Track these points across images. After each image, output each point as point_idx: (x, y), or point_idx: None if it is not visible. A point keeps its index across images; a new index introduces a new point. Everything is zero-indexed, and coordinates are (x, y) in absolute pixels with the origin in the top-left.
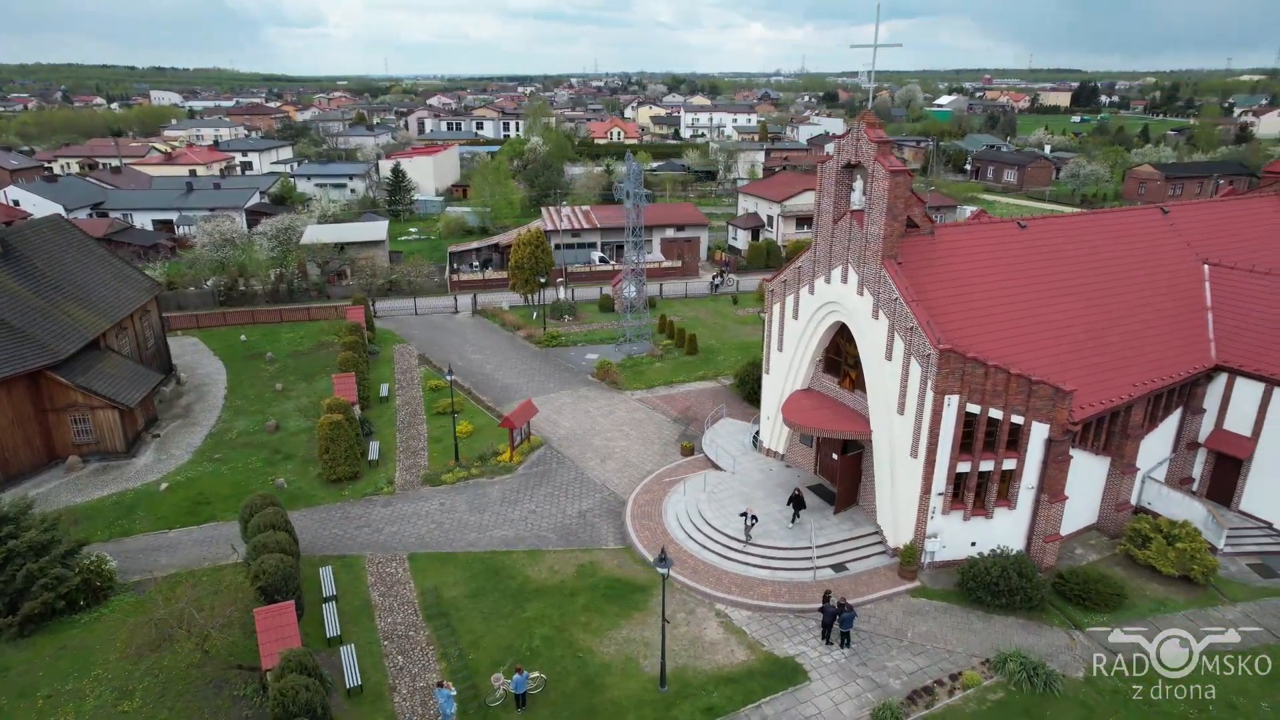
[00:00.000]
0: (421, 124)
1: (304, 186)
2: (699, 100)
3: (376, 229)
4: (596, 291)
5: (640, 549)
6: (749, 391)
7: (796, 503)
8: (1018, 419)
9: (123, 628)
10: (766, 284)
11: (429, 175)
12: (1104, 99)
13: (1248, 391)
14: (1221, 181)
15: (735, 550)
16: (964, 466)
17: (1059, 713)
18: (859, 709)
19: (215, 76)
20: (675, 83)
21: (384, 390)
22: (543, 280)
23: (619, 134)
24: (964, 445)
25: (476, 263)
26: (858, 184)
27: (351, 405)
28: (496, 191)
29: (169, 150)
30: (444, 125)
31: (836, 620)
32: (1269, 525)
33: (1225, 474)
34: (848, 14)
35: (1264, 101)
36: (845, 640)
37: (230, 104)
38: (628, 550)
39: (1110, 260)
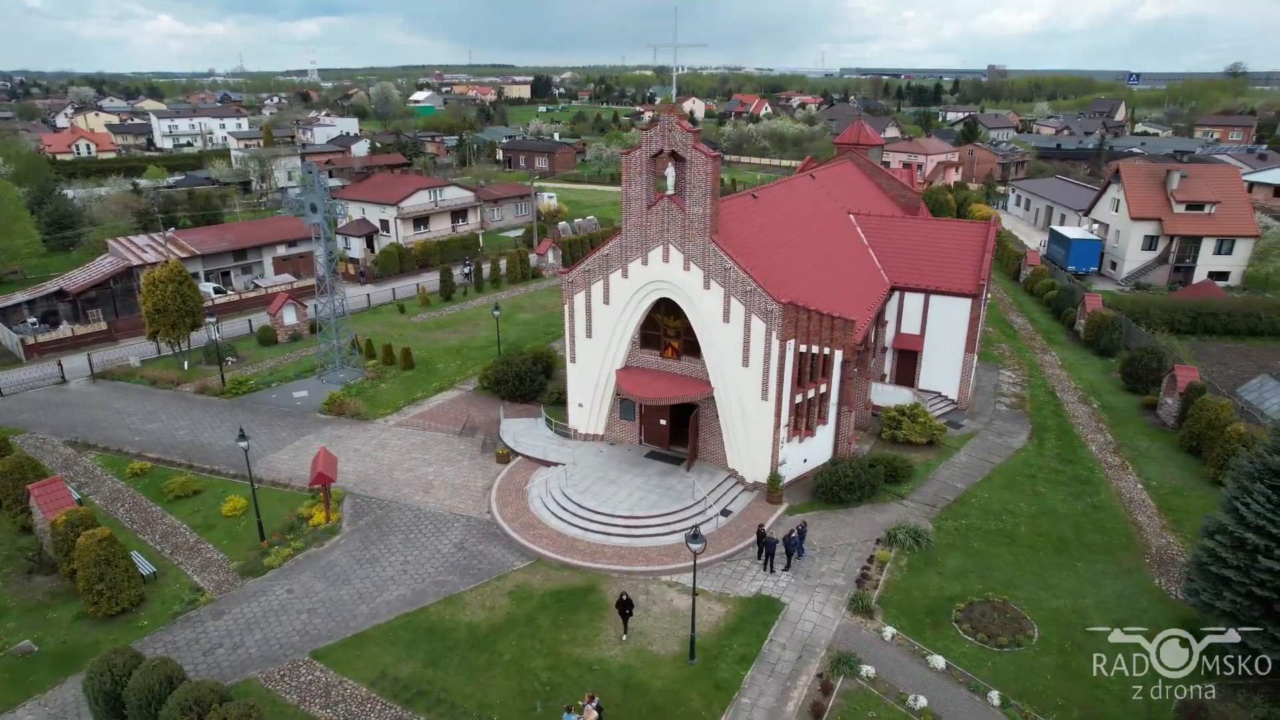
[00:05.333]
0: None
1: None
2: (151, 104)
3: None
4: (242, 326)
5: (553, 556)
6: (510, 390)
7: (623, 607)
8: (826, 350)
9: None
10: (562, 276)
11: None
12: (556, 91)
13: (914, 302)
14: (728, 156)
15: (637, 528)
16: (798, 398)
17: (943, 554)
18: (838, 608)
19: None
20: (95, 85)
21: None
22: (212, 320)
23: (89, 146)
24: (797, 380)
25: (34, 319)
26: (670, 170)
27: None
28: (9, 229)
29: None
30: None
31: (779, 547)
32: (939, 394)
33: (906, 365)
34: (272, 9)
35: (675, 91)
36: (788, 564)
37: None
38: (541, 563)
39: (809, 217)
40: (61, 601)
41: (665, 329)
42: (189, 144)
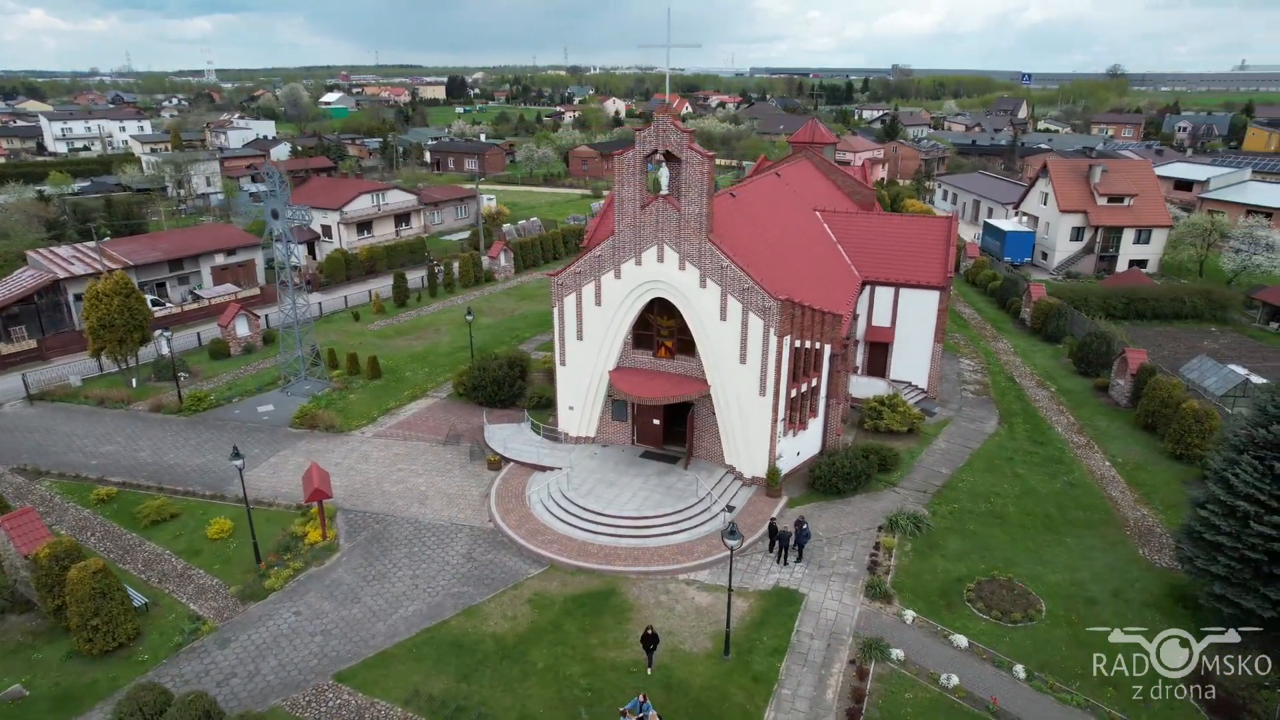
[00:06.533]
0: None
1: None
2: (35, 105)
3: None
4: (190, 339)
5: (567, 561)
6: (488, 395)
7: (649, 642)
8: (816, 345)
9: None
10: (553, 278)
11: None
12: (471, 91)
13: (884, 296)
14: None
15: (646, 528)
16: (793, 393)
17: (943, 538)
18: (855, 595)
19: None
20: None
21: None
22: (166, 334)
23: None
24: (792, 375)
25: None
26: (664, 171)
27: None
28: None
29: None
30: None
31: (792, 540)
32: (910, 383)
33: (878, 357)
34: (159, 4)
35: (593, 91)
36: (799, 555)
37: None
38: (555, 568)
39: (783, 215)
40: (45, 641)
41: (658, 329)
42: (86, 148)
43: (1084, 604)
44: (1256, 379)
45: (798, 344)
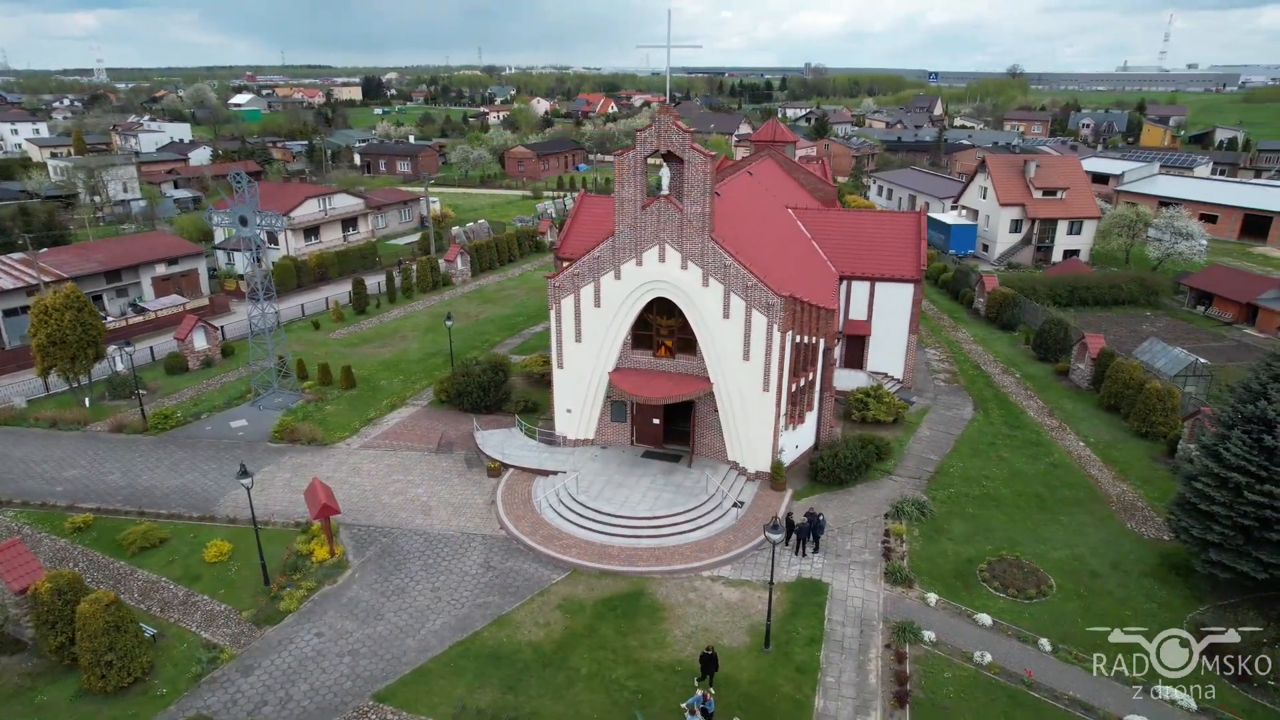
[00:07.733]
0: None
1: None
2: None
3: None
4: (143, 354)
5: (589, 564)
6: (474, 401)
7: (708, 664)
8: (813, 340)
9: None
10: (550, 281)
11: None
12: (389, 92)
13: (860, 290)
14: (593, 154)
15: (663, 527)
16: (793, 388)
17: (947, 522)
18: (875, 580)
19: None
20: None
21: None
22: (129, 348)
23: None
24: (793, 371)
25: None
26: (664, 171)
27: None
28: None
29: None
30: None
31: (809, 533)
32: (887, 374)
33: (855, 350)
34: None
35: (514, 91)
36: (816, 546)
37: None
38: (578, 573)
39: (763, 213)
40: (46, 682)
41: (658, 329)
42: None
43: (1089, 577)
44: (1202, 360)
45: (797, 339)
